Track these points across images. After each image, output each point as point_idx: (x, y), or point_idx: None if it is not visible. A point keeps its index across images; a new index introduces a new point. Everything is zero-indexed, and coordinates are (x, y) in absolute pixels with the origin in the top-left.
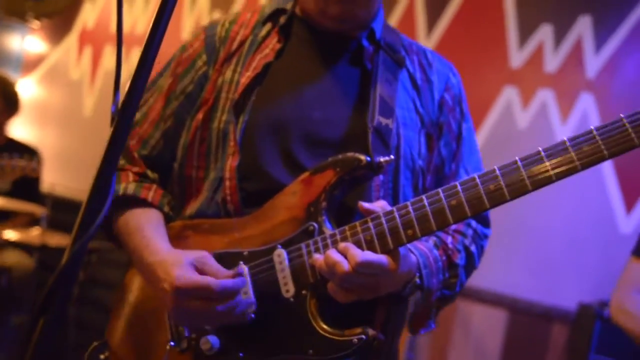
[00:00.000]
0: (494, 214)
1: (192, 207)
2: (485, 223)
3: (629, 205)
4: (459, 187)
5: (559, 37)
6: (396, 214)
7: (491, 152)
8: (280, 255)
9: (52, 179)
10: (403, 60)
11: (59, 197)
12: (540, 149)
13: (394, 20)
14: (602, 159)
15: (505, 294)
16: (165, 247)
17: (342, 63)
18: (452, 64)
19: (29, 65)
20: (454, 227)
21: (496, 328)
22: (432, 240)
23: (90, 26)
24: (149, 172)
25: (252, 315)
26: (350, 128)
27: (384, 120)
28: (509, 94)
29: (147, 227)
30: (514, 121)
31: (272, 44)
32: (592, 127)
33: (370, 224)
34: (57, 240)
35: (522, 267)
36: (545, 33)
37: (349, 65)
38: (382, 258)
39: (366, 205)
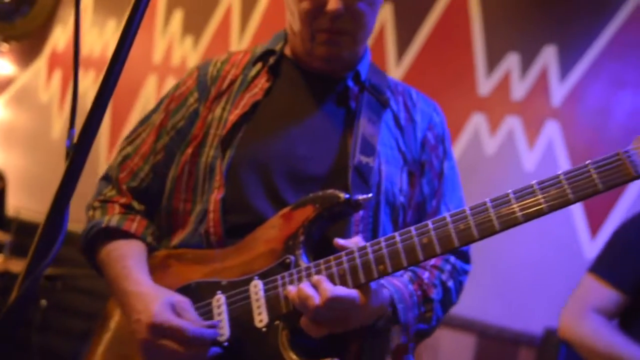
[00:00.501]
0: None
1: (177, 238)
2: (465, 259)
3: (594, 230)
4: (430, 225)
5: (525, 66)
6: (369, 250)
7: (460, 178)
8: (257, 286)
9: (18, 203)
10: (387, 101)
11: (24, 221)
12: (510, 191)
13: None
14: (568, 203)
15: (473, 318)
16: (147, 280)
17: (327, 102)
18: (437, 103)
19: None
20: (432, 262)
21: (465, 353)
22: (407, 275)
23: (61, 49)
24: (136, 204)
25: (226, 344)
26: (332, 166)
27: (364, 159)
28: (477, 121)
29: (128, 258)
30: (482, 147)
31: (261, 83)
32: (560, 172)
33: (344, 259)
34: (20, 266)
35: (490, 292)
36: (512, 62)
37: (335, 104)
38: (352, 293)
39: (341, 241)
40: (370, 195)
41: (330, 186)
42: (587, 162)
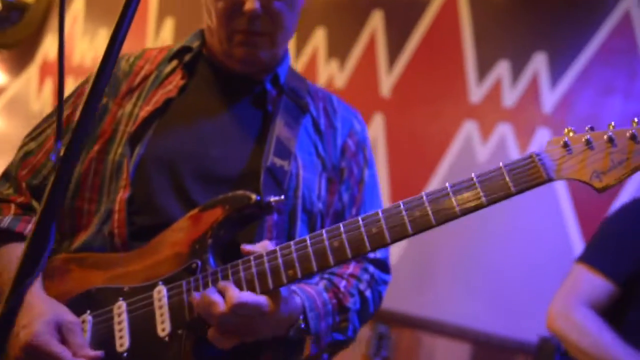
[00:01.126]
0: (454, 245)
1: (79, 241)
2: (385, 269)
3: (587, 235)
4: (342, 229)
5: (516, 73)
6: (278, 254)
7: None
8: (160, 292)
9: None
10: (306, 106)
11: None
12: (423, 193)
13: (355, 56)
14: (481, 207)
15: (468, 326)
16: (37, 290)
17: (244, 104)
18: (358, 111)
19: None
20: (350, 271)
21: None
22: (322, 283)
23: (52, 58)
24: (35, 203)
25: (125, 355)
26: (245, 167)
27: (279, 162)
28: (469, 128)
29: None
30: (474, 155)
31: (176, 80)
32: (473, 175)
33: (252, 263)
34: None
35: (484, 299)
36: (502, 69)
37: (251, 106)
38: (260, 299)
39: (247, 247)
40: (282, 197)
41: (241, 188)
42: (501, 164)
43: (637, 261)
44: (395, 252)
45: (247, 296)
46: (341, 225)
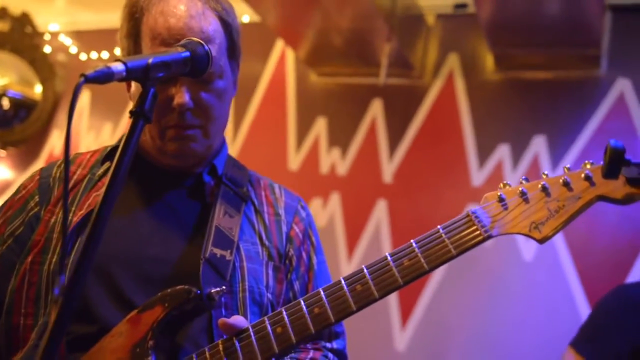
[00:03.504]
0: (467, 329)
1: (15, 359)
2: (337, 336)
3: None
4: (284, 313)
5: (516, 156)
6: (218, 349)
7: (457, 269)
8: None
9: None
10: (247, 195)
11: None
12: (363, 266)
13: (356, 144)
14: (424, 273)
15: None
16: None
17: (180, 198)
18: (301, 197)
19: None
20: (310, 356)
21: None
22: None
23: (58, 153)
24: None
25: None
26: (184, 263)
27: (219, 252)
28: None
29: None
30: None
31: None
32: (412, 241)
33: (207, 353)
34: None
35: None
36: (503, 152)
37: (189, 200)
38: None
39: (229, 321)
40: (223, 287)
41: (182, 284)
42: (439, 226)
43: (621, 351)
44: (405, 337)
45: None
46: (283, 309)
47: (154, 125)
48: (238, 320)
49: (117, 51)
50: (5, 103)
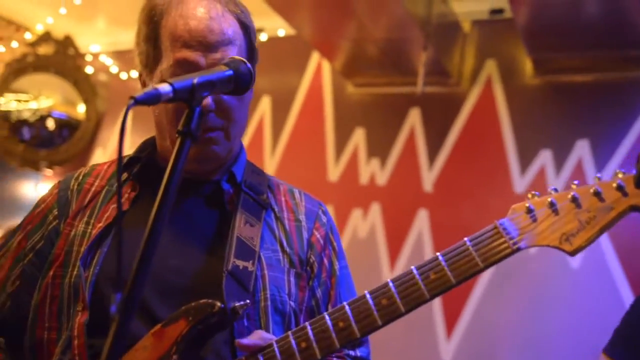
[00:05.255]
0: (514, 335)
1: None
2: (361, 344)
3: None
4: (308, 328)
5: (559, 162)
6: None
7: (502, 277)
8: None
9: None
10: (267, 202)
11: None
12: (389, 280)
13: (395, 154)
14: (450, 287)
15: None
16: None
17: (199, 207)
18: (322, 202)
19: None
20: None
21: None
22: None
23: None
24: None
25: None
26: (206, 274)
27: (241, 263)
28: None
29: None
30: None
31: (127, 192)
32: (438, 254)
33: None
34: None
35: None
36: (545, 158)
37: (208, 209)
38: None
39: (243, 341)
40: (247, 302)
41: (204, 296)
42: (465, 239)
43: None
44: (450, 347)
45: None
46: (307, 324)
47: (174, 129)
48: (255, 340)
49: None
50: (50, 124)
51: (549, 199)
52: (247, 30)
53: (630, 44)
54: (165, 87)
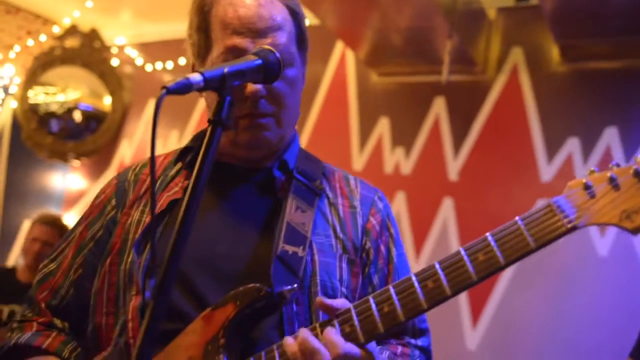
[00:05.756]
0: (538, 326)
1: (99, 357)
2: (429, 358)
3: None
4: (352, 311)
5: (587, 150)
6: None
7: (528, 266)
8: None
9: None
10: (321, 188)
11: None
12: (435, 262)
13: (420, 143)
14: (499, 268)
15: None
16: None
17: (250, 194)
18: (379, 189)
19: (70, 201)
20: (399, 351)
21: None
22: (385, 353)
23: (128, 161)
24: (57, 321)
25: None
26: (254, 260)
27: (291, 249)
28: (527, 212)
29: None
30: None
31: (181, 181)
32: (487, 234)
33: (276, 352)
34: None
35: None
36: (572, 146)
37: (259, 196)
38: (362, 352)
39: (327, 301)
40: (295, 286)
41: (254, 282)
42: (517, 218)
43: None
44: (476, 336)
45: (353, 347)
46: (351, 307)
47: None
48: (337, 302)
49: (181, 61)
50: (77, 116)
51: (609, 174)
52: (297, 17)
53: None
54: (196, 77)
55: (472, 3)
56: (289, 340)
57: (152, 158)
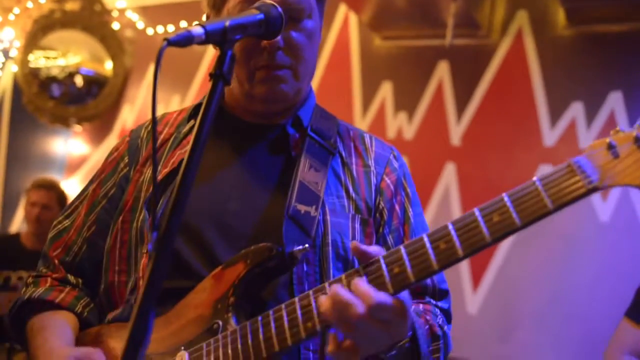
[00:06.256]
0: (539, 294)
1: (113, 314)
2: (449, 320)
3: None
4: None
5: (590, 114)
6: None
7: (530, 231)
8: (182, 357)
9: None
10: (334, 146)
11: None
12: (449, 223)
13: (422, 108)
14: (514, 229)
15: None
16: (57, 344)
17: (263, 151)
18: (394, 147)
19: (73, 166)
20: (421, 308)
21: None
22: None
23: (129, 126)
24: (71, 277)
25: None
26: (266, 218)
27: (303, 208)
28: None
29: (48, 329)
30: None
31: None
32: (503, 195)
33: (284, 311)
34: None
35: (571, 349)
36: (576, 110)
37: (272, 153)
38: (399, 300)
39: (363, 247)
40: (306, 246)
41: (264, 239)
42: (535, 178)
43: None
44: (476, 300)
45: (386, 297)
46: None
47: (242, 69)
48: (372, 249)
49: (183, 24)
50: (79, 81)
51: (635, 134)
52: None
53: None
54: (197, 30)
55: None
56: (321, 299)
57: (154, 113)
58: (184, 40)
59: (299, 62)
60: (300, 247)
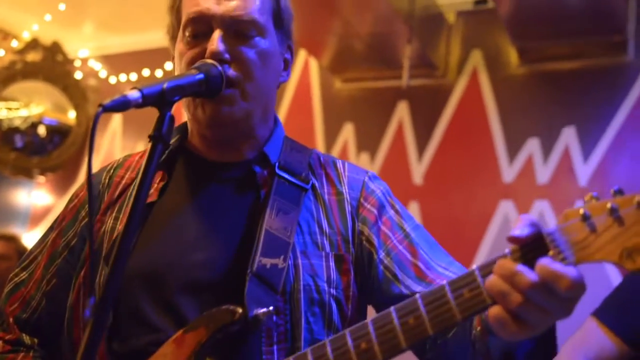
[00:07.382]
0: None
1: None
2: None
3: None
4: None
5: (546, 149)
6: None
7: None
8: None
9: None
10: (307, 181)
11: None
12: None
13: (384, 148)
14: (484, 308)
15: None
16: None
17: (230, 192)
18: (371, 171)
19: (37, 217)
20: None
21: None
22: None
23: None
24: (26, 338)
25: None
26: (231, 272)
27: (269, 262)
28: (506, 208)
29: None
30: None
31: (156, 182)
32: (473, 267)
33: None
34: None
35: None
36: (533, 146)
37: (239, 193)
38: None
39: (517, 233)
40: (270, 308)
41: (228, 296)
42: (506, 250)
43: None
44: None
45: (561, 265)
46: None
47: (190, 99)
48: (528, 231)
49: (145, 72)
50: (42, 131)
51: (609, 205)
52: None
53: (614, 30)
54: (134, 94)
55: (431, 7)
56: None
57: (89, 179)
58: (120, 106)
59: (247, 79)
60: (264, 310)
